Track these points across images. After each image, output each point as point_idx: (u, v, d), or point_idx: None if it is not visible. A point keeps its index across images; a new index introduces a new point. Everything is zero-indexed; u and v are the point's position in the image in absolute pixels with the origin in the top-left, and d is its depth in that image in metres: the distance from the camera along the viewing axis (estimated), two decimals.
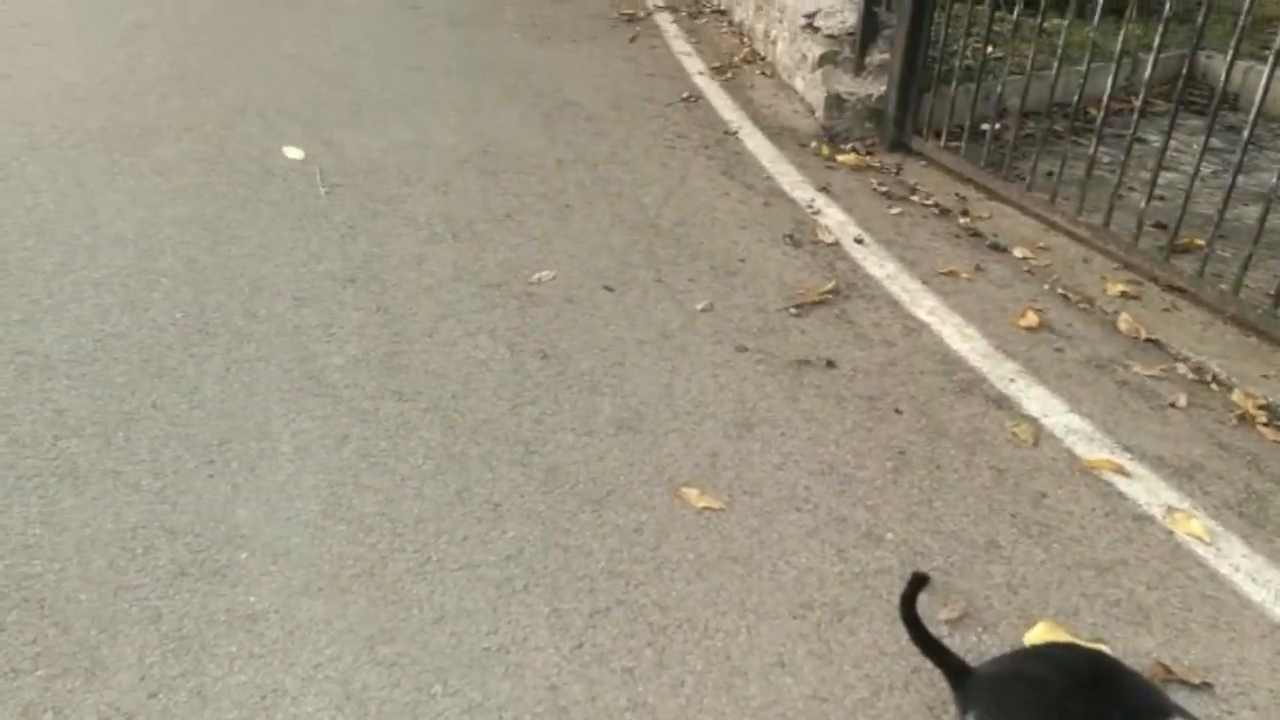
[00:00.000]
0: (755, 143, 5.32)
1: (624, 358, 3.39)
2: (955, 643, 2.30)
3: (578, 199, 4.52)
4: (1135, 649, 2.31)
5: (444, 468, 2.81)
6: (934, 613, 2.38)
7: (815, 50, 5.61)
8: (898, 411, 3.19)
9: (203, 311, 3.48)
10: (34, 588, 2.34)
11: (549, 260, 3.97)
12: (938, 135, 5.09)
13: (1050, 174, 4.64)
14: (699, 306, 3.71)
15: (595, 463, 2.87)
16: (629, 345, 3.46)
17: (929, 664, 2.16)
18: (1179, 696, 2.18)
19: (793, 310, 3.72)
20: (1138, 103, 4.05)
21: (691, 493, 2.76)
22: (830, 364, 3.42)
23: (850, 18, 5.54)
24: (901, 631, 2.18)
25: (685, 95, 5.96)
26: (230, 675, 2.13)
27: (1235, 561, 2.61)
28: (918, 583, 2.12)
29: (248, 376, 3.15)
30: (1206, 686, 2.22)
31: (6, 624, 2.24)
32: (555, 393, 3.18)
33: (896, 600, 2.38)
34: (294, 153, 4.80)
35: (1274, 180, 3.67)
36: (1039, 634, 2.32)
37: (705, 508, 2.71)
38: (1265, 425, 3.19)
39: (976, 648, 2.30)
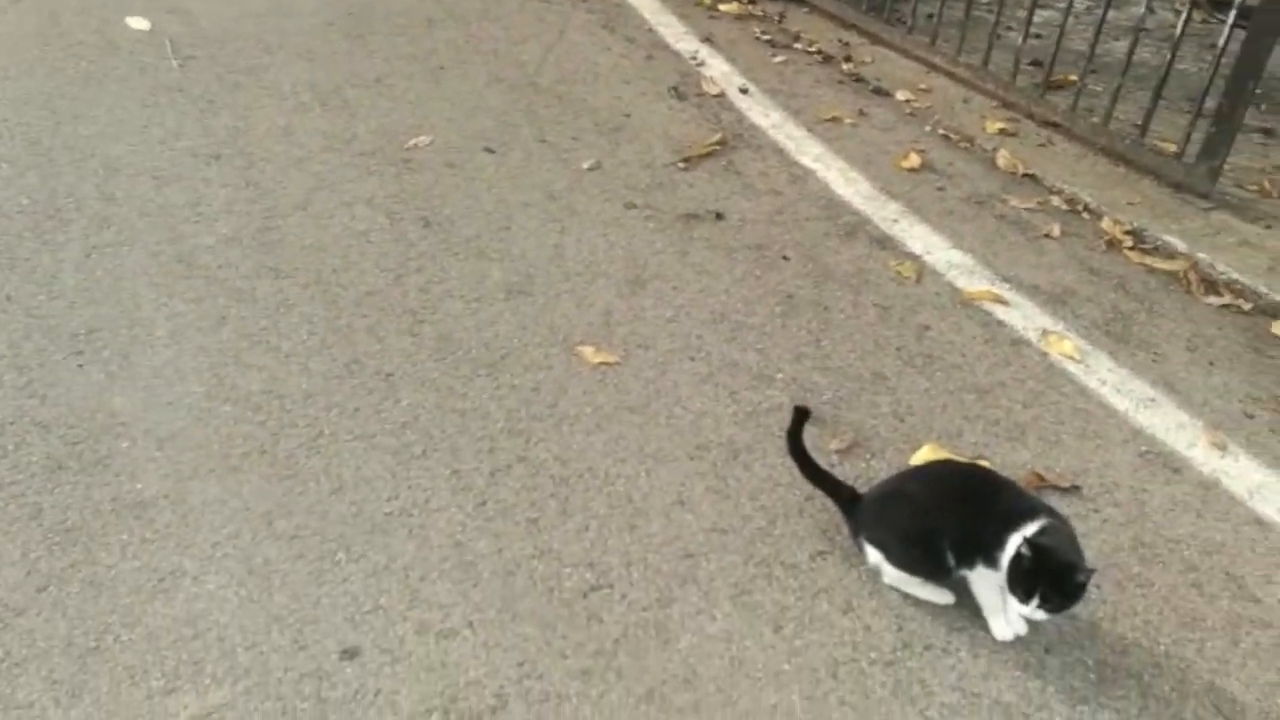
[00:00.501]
0: None
1: (510, 221, 3.32)
2: (846, 471, 2.39)
3: (451, 59, 4.33)
4: (1012, 462, 2.44)
5: (329, 342, 2.74)
6: (825, 444, 2.47)
7: None
8: (785, 258, 3.22)
9: (53, 196, 3.26)
10: None
11: (425, 125, 3.82)
12: None
13: (930, 16, 4.64)
14: (585, 165, 3.63)
15: (487, 328, 2.83)
16: (514, 208, 3.39)
17: (822, 493, 2.25)
18: (1050, 500, 2.32)
19: (680, 164, 3.68)
20: None
21: (587, 350, 2.76)
22: (719, 216, 3.41)
23: None
24: (794, 464, 2.26)
25: None
26: (123, 562, 2.08)
27: (1102, 376, 2.76)
28: (801, 417, 2.19)
29: (111, 262, 2.98)
30: (1075, 490, 2.37)
31: None
32: (441, 260, 3.10)
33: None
34: (139, 23, 4.45)
35: (1141, 11, 3.74)
36: (924, 456, 2.43)
37: (601, 363, 2.72)
38: (1131, 249, 3.33)
39: (866, 474, 2.39)
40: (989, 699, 1.88)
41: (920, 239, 3.34)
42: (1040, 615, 1.82)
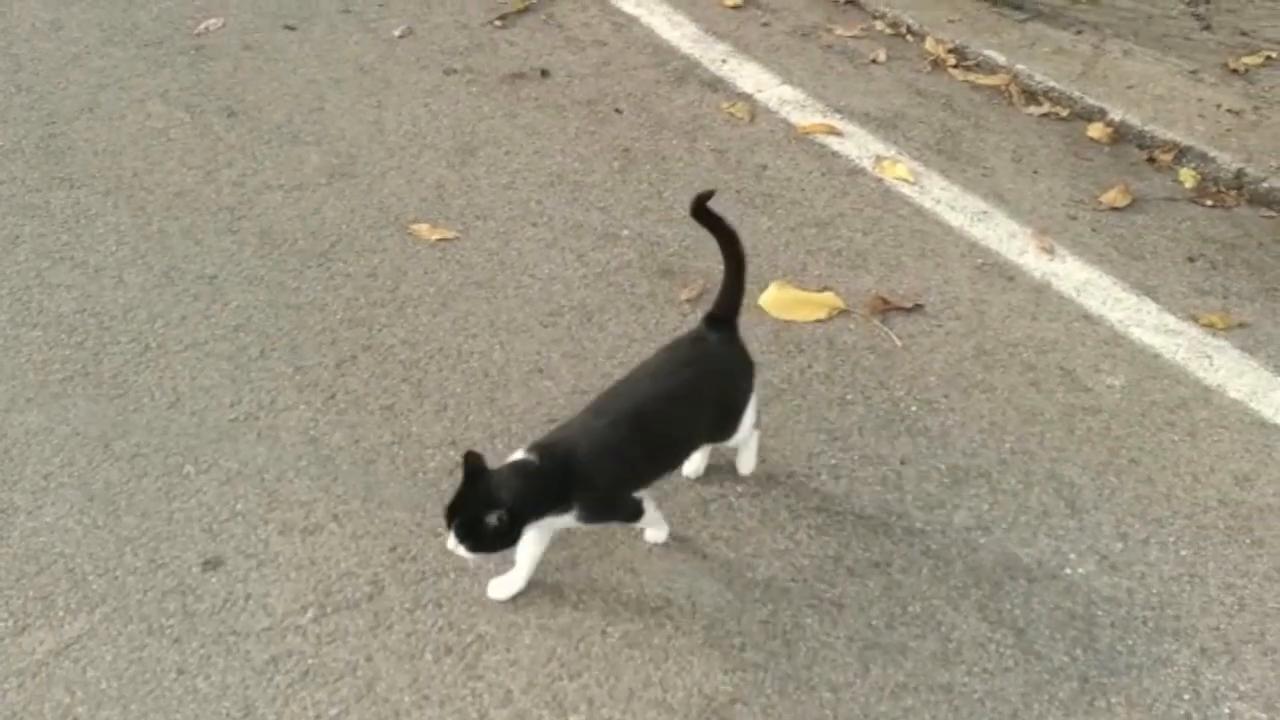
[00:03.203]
0: None
1: (322, 101, 3.11)
2: (699, 317, 2.39)
3: None
4: (857, 289, 2.49)
5: (142, 250, 2.54)
6: (675, 294, 2.46)
7: None
8: (618, 111, 3.13)
9: None
10: None
11: (214, 5, 3.50)
12: None
13: None
14: (396, 33, 3.42)
15: (312, 216, 2.68)
16: (325, 86, 3.17)
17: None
18: (896, 321, 2.40)
19: (497, 22, 3.50)
20: None
21: (422, 228, 2.65)
22: (544, 73, 3.28)
23: None
24: (648, 319, 2.25)
25: None
26: None
27: (936, 195, 2.82)
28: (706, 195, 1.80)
29: None
30: (919, 309, 2.45)
31: None
32: (252, 150, 2.89)
33: (639, 293, 2.44)
34: None
35: None
36: (771, 295, 2.46)
37: (439, 240, 2.62)
38: (955, 67, 3.38)
39: None
40: (852, 516, 1.96)
41: (750, 78, 3.30)
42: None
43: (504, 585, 1.80)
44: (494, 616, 1.76)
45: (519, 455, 1.68)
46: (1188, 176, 2.91)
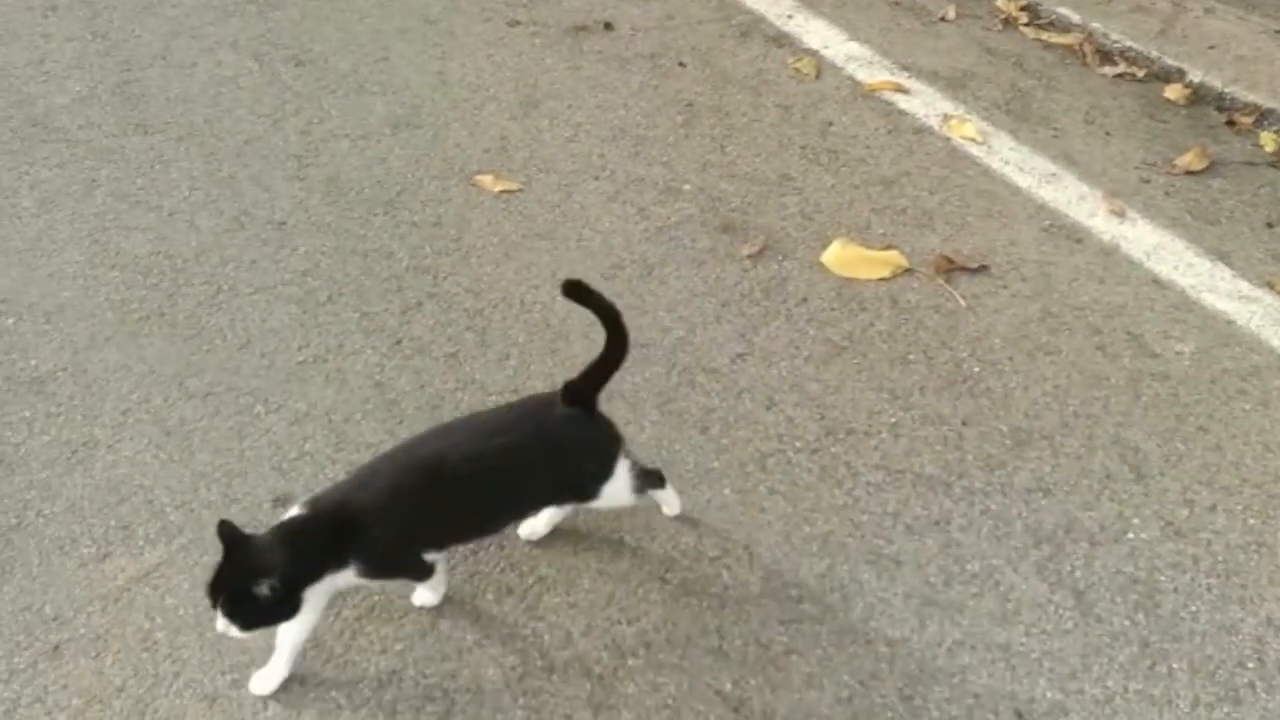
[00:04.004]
0: None
1: (387, 51, 3.13)
2: (760, 273, 2.40)
3: None
4: (921, 248, 2.47)
5: (214, 195, 2.59)
6: (735, 249, 2.46)
7: None
8: (681, 65, 3.11)
9: None
10: None
11: None
12: None
13: None
14: None
15: (378, 165, 2.71)
16: (390, 37, 3.18)
17: (737, 297, 2.26)
18: (960, 282, 2.37)
19: None
20: None
21: (486, 179, 2.66)
22: (608, 26, 3.26)
23: None
24: (708, 273, 2.25)
25: None
26: (31, 439, 2.00)
27: (1004, 156, 2.77)
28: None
29: None
30: (984, 269, 2.42)
31: None
32: (319, 100, 2.92)
33: (699, 248, 2.44)
34: None
35: None
36: (834, 253, 2.44)
37: (502, 191, 2.63)
38: (1027, 25, 3.30)
39: (779, 275, 2.40)
40: (911, 474, 1.96)
41: (817, 34, 3.25)
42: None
43: (265, 679, 1.60)
44: (555, 560, 1.79)
45: (291, 512, 1.53)
46: (1269, 140, 2.82)
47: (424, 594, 1.71)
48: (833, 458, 1.98)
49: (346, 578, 1.52)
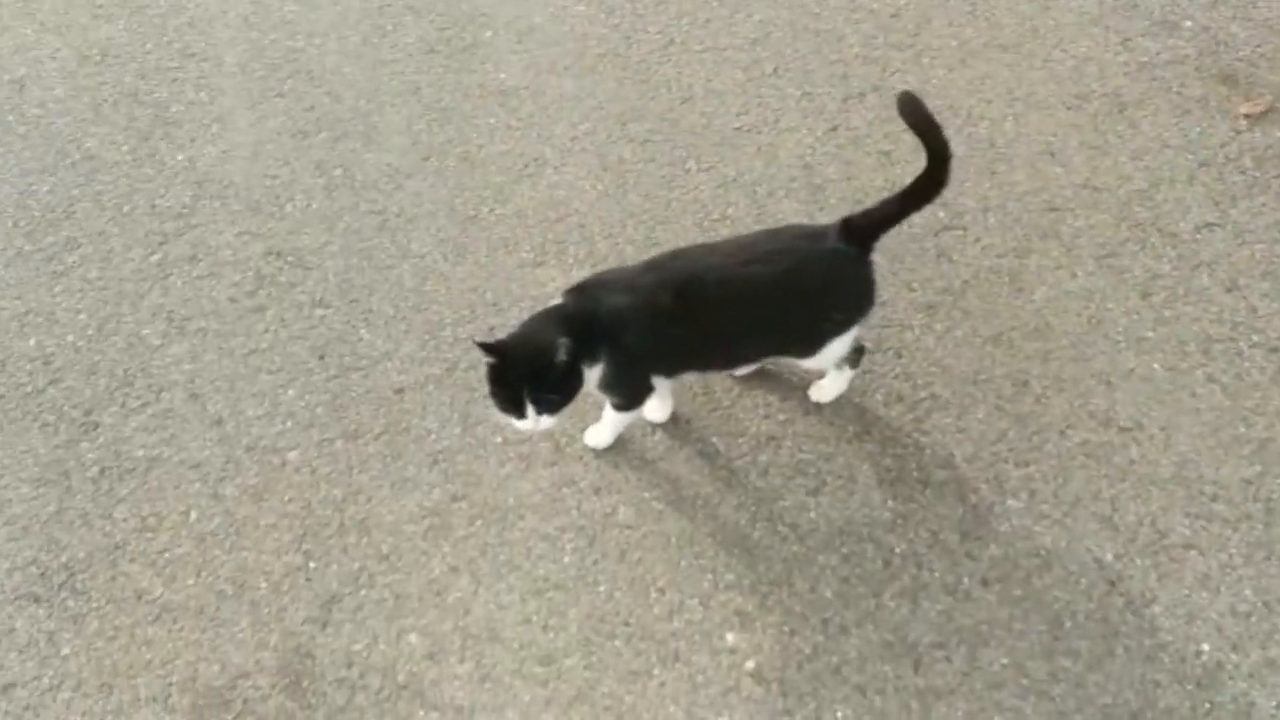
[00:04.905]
0: None
1: None
2: (1256, 137, 2.07)
3: None
4: None
5: None
6: (1233, 105, 2.13)
7: None
8: None
9: None
10: (300, 60, 2.42)
11: None
12: None
13: None
14: None
15: None
16: None
17: (1221, 159, 1.98)
18: None
19: None
20: None
21: None
22: None
23: None
24: (1190, 126, 1.98)
25: None
26: (491, 144, 2.20)
27: None
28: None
29: None
30: None
31: (285, 90, 2.36)
32: None
33: (1188, 95, 2.15)
34: None
35: None
36: None
37: None
38: None
39: (1278, 145, 2.06)
40: None
41: None
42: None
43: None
44: (950, 383, 1.74)
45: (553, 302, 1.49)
46: None
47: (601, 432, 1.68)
48: None
49: (592, 377, 1.47)
